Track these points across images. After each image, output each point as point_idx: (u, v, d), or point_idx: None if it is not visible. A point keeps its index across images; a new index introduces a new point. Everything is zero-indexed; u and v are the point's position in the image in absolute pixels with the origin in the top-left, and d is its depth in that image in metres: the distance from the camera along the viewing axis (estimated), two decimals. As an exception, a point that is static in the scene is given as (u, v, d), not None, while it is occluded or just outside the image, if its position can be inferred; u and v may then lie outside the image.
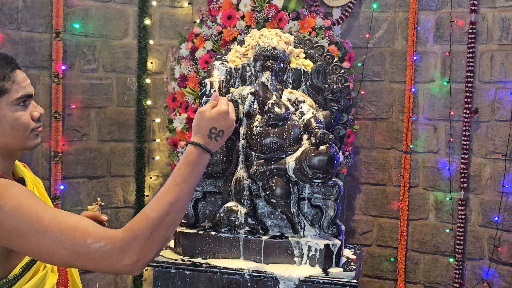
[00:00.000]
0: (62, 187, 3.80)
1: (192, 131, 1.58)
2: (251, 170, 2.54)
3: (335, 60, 2.79)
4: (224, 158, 2.57)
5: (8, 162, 1.60)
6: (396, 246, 3.95)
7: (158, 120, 4.15)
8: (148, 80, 4.08)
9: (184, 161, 1.52)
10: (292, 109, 2.57)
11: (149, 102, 4.10)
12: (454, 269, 3.77)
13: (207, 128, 1.56)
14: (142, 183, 4.11)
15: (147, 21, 4.02)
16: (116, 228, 1.44)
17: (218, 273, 2.48)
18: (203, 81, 2.80)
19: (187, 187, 1.48)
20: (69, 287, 1.78)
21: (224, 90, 2.72)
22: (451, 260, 3.80)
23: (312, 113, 2.59)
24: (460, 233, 3.73)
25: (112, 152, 4.07)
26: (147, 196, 4.14)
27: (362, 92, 3.93)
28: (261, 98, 2.52)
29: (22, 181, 1.65)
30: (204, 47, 3.66)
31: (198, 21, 3.79)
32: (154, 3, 4.05)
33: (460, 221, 3.73)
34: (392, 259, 3.99)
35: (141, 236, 1.38)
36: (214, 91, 1.70)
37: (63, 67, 3.77)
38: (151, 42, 4.08)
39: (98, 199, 2.01)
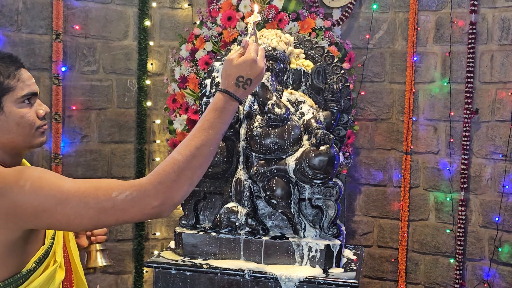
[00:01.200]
0: (62, 188, 3.79)
1: (221, 79, 1.61)
2: (251, 171, 2.54)
3: (335, 60, 2.79)
4: (225, 159, 2.57)
5: (15, 160, 1.62)
6: (397, 247, 3.95)
7: (158, 121, 4.15)
8: (148, 82, 4.08)
9: (212, 107, 1.55)
10: (292, 109, 2.57)
11: (149, 104, 4.10)
12: (454, 270, 3.77)
13: (234, 76, 1.58)
14: (142, 184, 4.10)
15: (147, 23, 4.02)
16: (116, 230, 1.46)
17: (219, 274, 2.48)
18: (203, 82, 2.80)
19: (214, 132, 1.52)
20: (74, 284, 1.78)
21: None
22: (452, 260, 3.80)
23: (312, 113, 2.59)
24: (461, 234, 3.73)
25: (113, 154, 4.07)
26: (147, 197, 4.13)
27: (362, 93, 3.93)
28: (261, 99, 2.53)
29: None
30: (204, 48, 3.66)
31: (198, 22, 3.80)
32: (154, 5, 4.05)
33: (461, 221, 3.73)
34: (392, 260, 3.98)
35: (167, 180, 1.44)
36: (247, 36, 1.67)
37: (63, 69, 3.78)
38: (151, 43, 4.08)
39: None
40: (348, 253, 2.76)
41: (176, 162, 1.46)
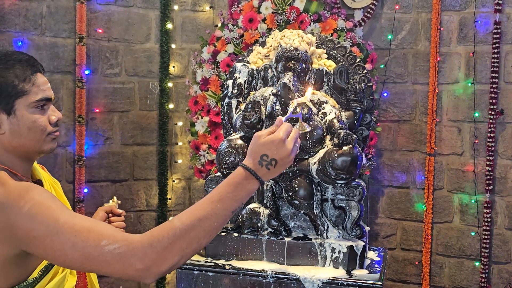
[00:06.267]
0: (85, 190, 3.83)
1: (247, 154, 1.52)
2: (273, 171, 2.52)
3: (358, 60, 2.77)
4: (247, 160, 2.57)
5: (26, 164, 1.61)
6: (421, 250, 3.90)
7: (180, 123, 4.17)
8: (170, 84, 4.09)
9: (228, 181, 1.47)
10: (314, 110, 2.56)
11: (171, 106, 4.12)
12: (480, 273, 3.71)
13: (258, 154, 1.48)
14: (164, 187, 4.12)
15: (169, 25, 4.04)
16: (138, 231, 1.44)
17: (241, 274, 2.48)
18: (225, 83, 2.80)
19: (222, 207, 1.42)
20: None
21: (246, 91, 2.72)
22: (477, 263, 3.74)
23: (335, 113, 2.57)
24: (486, 236, 3.67)
25: (135, 156, 4.09)
26: (169, 199, 4.15)
27: (385, 95, 3.90)
28: (283, 99, 2.52)
29: (39, 183, 1.66)
30: (226, 50, 3.67)
31: (219, 24, 3.81)
32: (175, 7, 4.07)
33: (486, 224, 3.67)
34: (416, 263, 3.94)
35: (159, 244, 1.37)
36: (286, 115, 1.56)
37: (86, 72, 3.81)
38: (173, 46, 4.10)
39: (115, 197, 2.02)
40: (371, 255, 2.73)
41: (173, 228, 1.38)
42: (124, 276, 1.39)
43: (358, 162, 2.40)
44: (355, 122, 2.66)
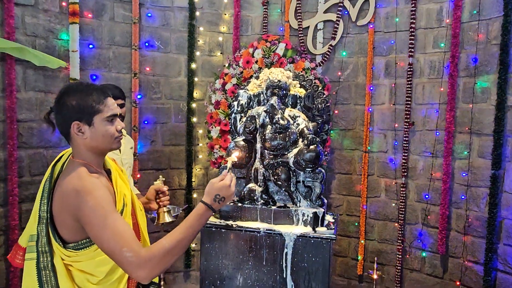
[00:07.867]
0: (138, 176, 3.80)
1: (205, 193, 1.58)
2: (264, 163, 2.53)
3: (320, 88, 2.78)
4: (247, 155, 2.56)
5: (100, 159, 1.60)
6: (359, 215, 3.91)
7: (200, 131, 4.14)
8: (194, 105, 4.07)
9: (195, 212, 1.52)
10: (291, 121, 2.56)
11: (195, 119, 4.09)
12: (398, 231, 3.73)
13: (213, 194, 1.56)
14: (190, 173, 4.10)
15: (193, 65, 4.02)
16: (173, 203, 1.41)
17: (243, 231, 2.47)
18: (231, 104, 2.79)
19: (192, 231, 1.48)
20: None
21: (246, 109, 2.71)
22: (396, 224, 3.76)
23: (305, 124, 2.57)
24: (402, 206, 3.69)
25: (171, 153, 4.07)
26: (193, 181, 4.12)
27: (336, 112, 3.91)
28: (270, 114, 2.52)
29: (109, 171, 1.65)
30: (231, 82, 3.67)
31: (227, 64, 3.80)
32: (198, 53, 4.06)
33: (402, 198, 3.69)
34: (356, 224, 3.95)
35: (155, 259, 1.40)
36: (227, 169, 1.63)
37: (139, 96, 3.79)
38: (196, 79, 4.07)
39: (161, 176, 2.00)
40: (328, 218, 2.73)
41: (163, 247, 1.42)
42: (128, 274, 1.42)
43: (320, 156, 2.40)
44: (318, 129, 2.66)
